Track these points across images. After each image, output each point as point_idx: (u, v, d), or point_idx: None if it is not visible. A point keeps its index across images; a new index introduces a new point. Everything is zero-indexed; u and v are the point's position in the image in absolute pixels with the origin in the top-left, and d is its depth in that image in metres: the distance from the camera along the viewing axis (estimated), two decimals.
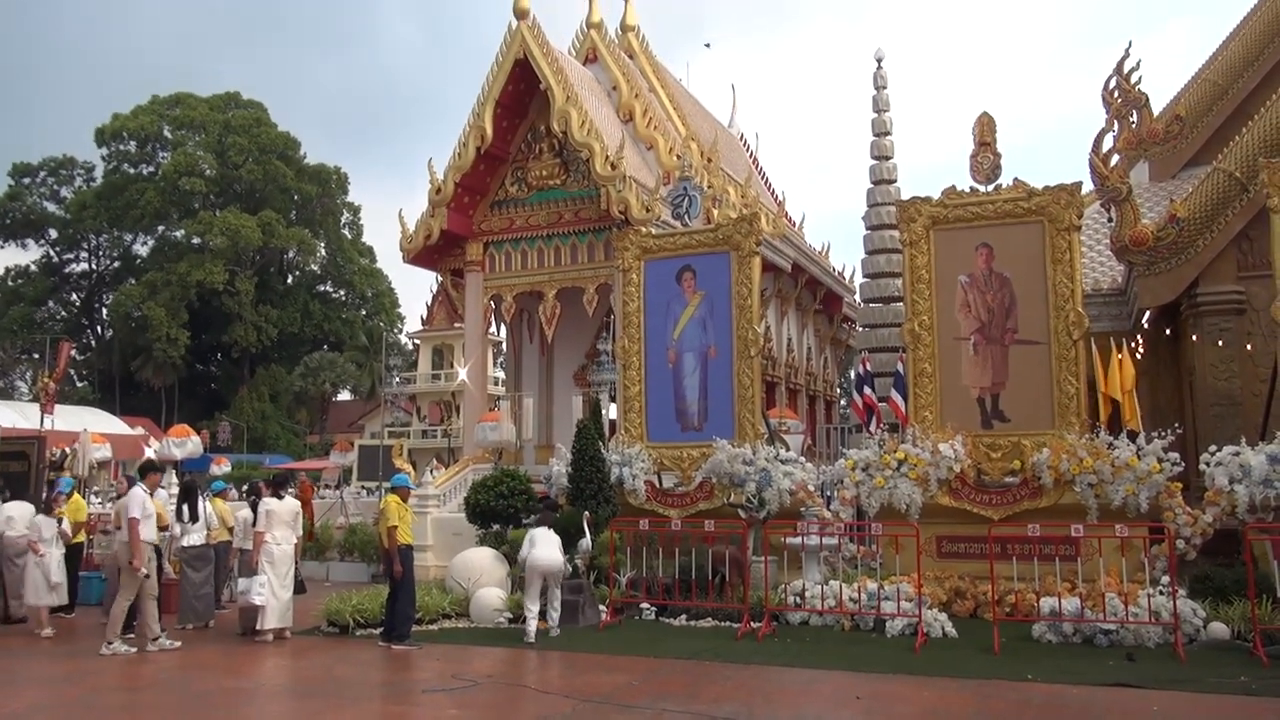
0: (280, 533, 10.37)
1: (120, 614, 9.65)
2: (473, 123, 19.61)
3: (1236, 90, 16.26)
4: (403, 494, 10.40)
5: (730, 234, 13.66)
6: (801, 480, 12.24)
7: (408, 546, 9.97)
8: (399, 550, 9.81)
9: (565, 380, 22.17)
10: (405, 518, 10.11)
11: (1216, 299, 13.44)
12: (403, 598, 9.83)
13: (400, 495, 10.35)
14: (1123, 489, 10.88)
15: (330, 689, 8.13)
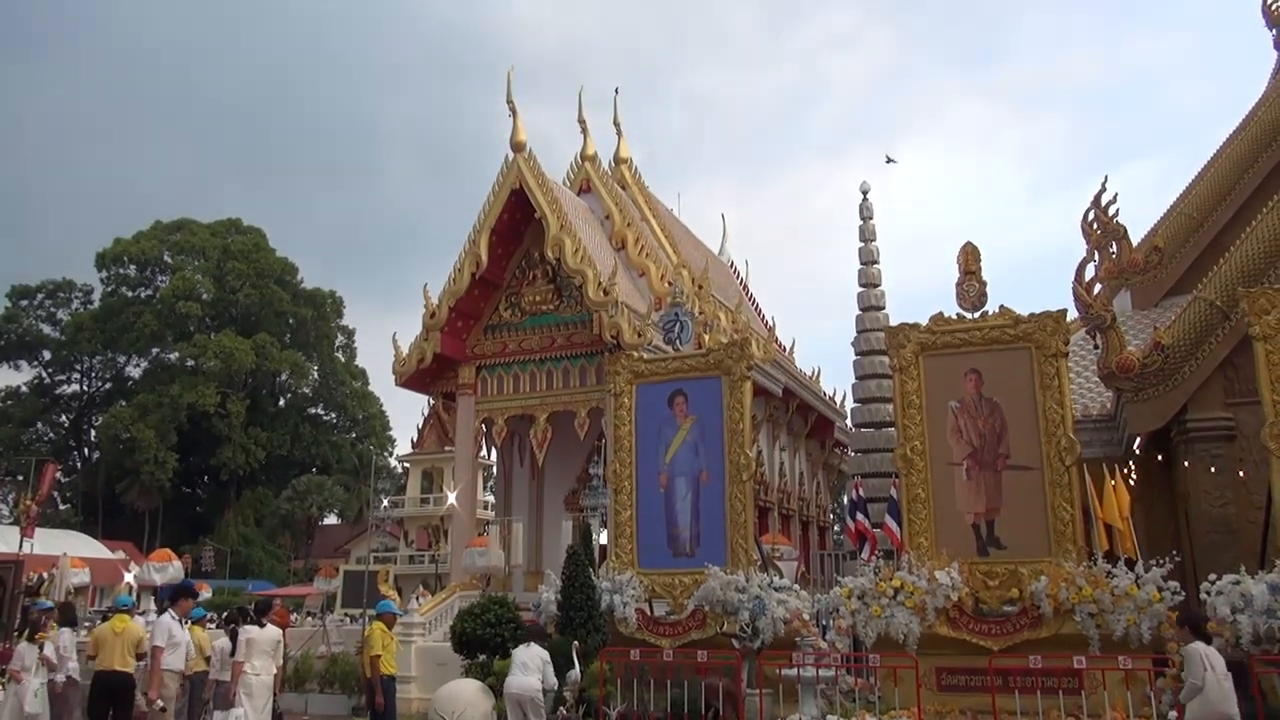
0: (259, 662, 10.03)
1: None
2: (469, 249, 20.02)
3: (1211, 223, 16.76)
4: (388, 620, 10.14)
5: (721, 358, 13.76)
6: (796, 609, 11.97)
7: (390, 677, 9.64)
8: (380, 680, 9.49)
9: (556, 504, 21.95)
10: (389, 646, 9.82)
11: (1206, 425, 13.49)
12: None
13: (385, 622, 10.07)
14: (1124, 618, 10.64)
15: None
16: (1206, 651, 7.74)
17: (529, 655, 9.60)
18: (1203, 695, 7.64)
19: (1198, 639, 7.83)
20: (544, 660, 9.64)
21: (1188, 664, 7.70)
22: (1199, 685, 7.65)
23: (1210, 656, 7.69)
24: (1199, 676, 7.63)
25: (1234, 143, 17.24)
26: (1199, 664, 7.68)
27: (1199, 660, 7.68)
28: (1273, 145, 16.35)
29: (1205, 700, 7.63)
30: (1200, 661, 7.69)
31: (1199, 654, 7.70)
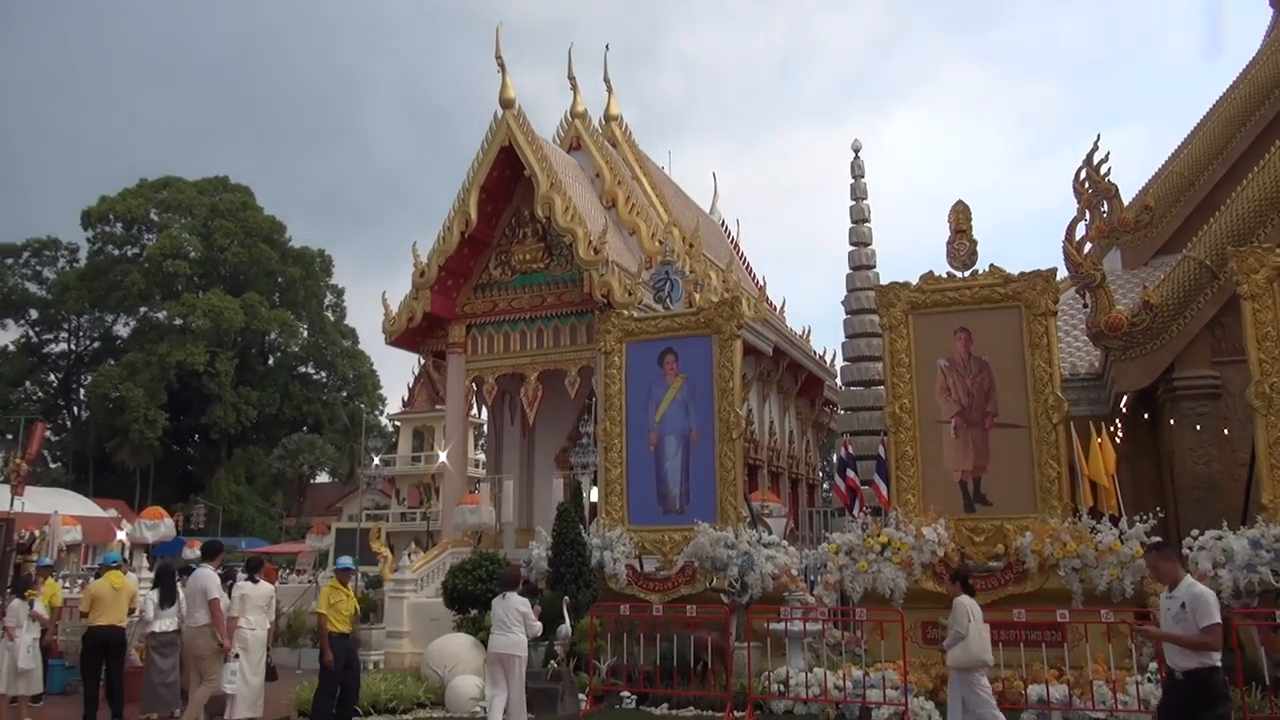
0: (254, 617, 10.08)
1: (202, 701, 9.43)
2: (458, 208, 19.86)
3: (1203, 182, 16.76)
4: (340, 577, 9.88)
5: (712, 317, 13.76)
6: (784, 564, 12.10)
7: (340, 635, 9.39)
8: (329, 639, 9.41)
9: (546, 463, 22.02)
10: (340, 604, 9.48)
11: (1192, 384, 13.60)
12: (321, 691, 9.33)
13: (338, 579, 9.90)
14: (1107, 574, 10.81)
15: None
16: (971, 604, 8.50)
17: (506, 609, 8.95)
18: (965, 643, 8.36)
19: (965, 593, 8.64)
20: (522, 612, 8.95)
21: (955, 614, 8.49)
22: (963, 634, 8.41)
23: (973, 609, 8.47)
24: (964, 626, 8.39)
25: (1227, 101, 17.20)
26: (964, 615, 8.45)
27: (965, 612, 8.45)
28: (1266, 103, 16.31)
29: (967, 647, 8.36)
30: (965, 613, 8.45)
31: (965, 606, 8.48)
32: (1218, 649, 5.58)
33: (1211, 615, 5.69)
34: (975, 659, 8.35)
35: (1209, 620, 5.68)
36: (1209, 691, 5.65)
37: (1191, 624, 5.82)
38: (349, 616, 9.46)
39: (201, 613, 9.45)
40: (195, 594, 9.55)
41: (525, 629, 8.91)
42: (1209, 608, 5.78)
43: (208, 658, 9.47)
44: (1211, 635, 5.61)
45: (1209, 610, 5.74)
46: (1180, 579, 6.18)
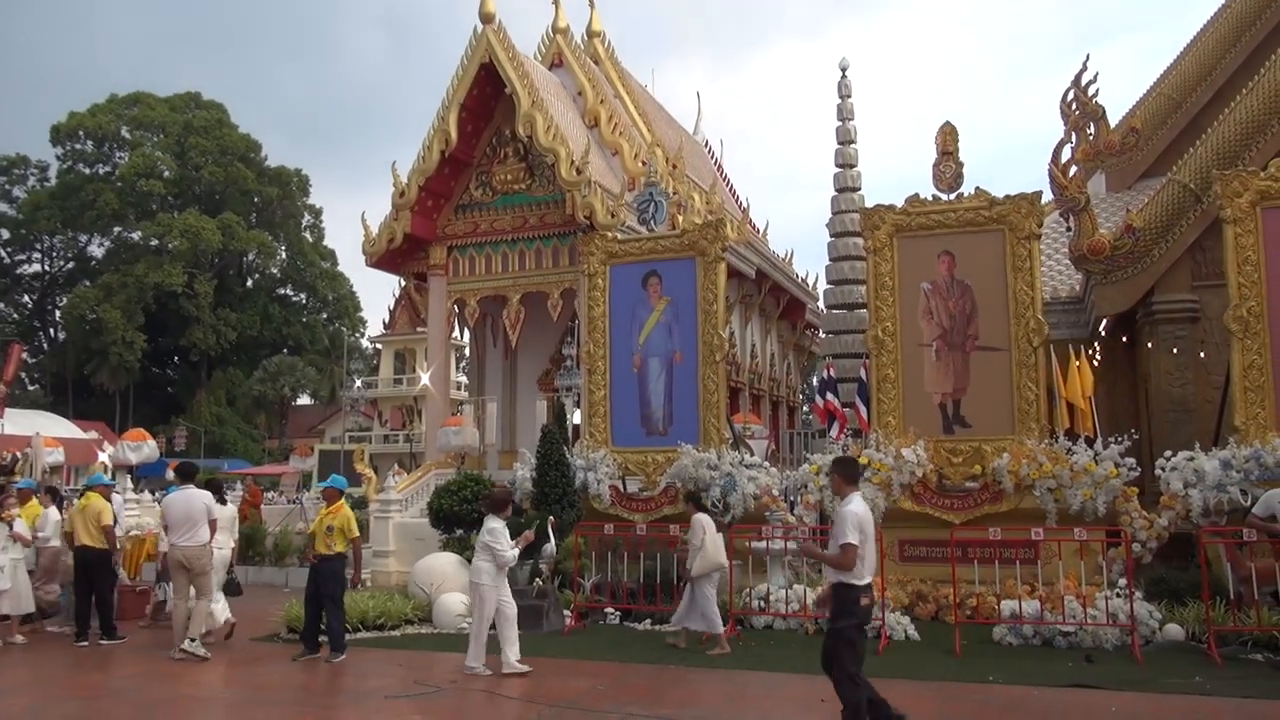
0: (220, 537, 10.22)
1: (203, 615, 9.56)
2: (437, 126, 19.49)
3: (1190, 104, 16.63)
4: (329, 495, 9.76)
5: (696, 239, 13.68)
6: (766, 485, 12.28)
7: (323, 558, 9.35)
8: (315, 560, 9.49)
9: (529, 385, 22.08)
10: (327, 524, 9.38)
11: (1171, 308, 13.72)
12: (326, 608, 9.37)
13: (327, 497, 9.80)
14: (1081, 494, 11.04)
15: (290, 696, 8.01)
16: (706, 520, 9.94)
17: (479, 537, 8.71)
18: (703, 552, 9.63)
19: (699, 510, 10.17)
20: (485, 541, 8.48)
21: (692, 530, 9.81)
22: (699, 545, 9.65)
23: (708, 524, 9.89)
24: (700, 539, 9.67)
25: (1219, 20, 16.96)
26: (700, 529, 9.73)
27: (700, 527, 9.77)
28: (1257, 23, 16.11)
29: (704, 556, 9.63)
30: (701, 527, 9.75)
31: (701, 521, 9.85)
32: (848, 568, 5.75)
33: (842, 535, 5.79)
34: (712, 564, 9.64)
35: (840, 540, 5.81)
36: (838, 604, 5.92)
37: None
38: (327, 537, 9.38)
39: (204, 530, 9.60)
40: (198, 513, 9.63)
41: (492, 557, 8.46)
42: (839, 526, 5.90)
43: (206, 575, 9.61)
44: (843, 555, 5.77)
45: (840, 531, 5.84)
46: None
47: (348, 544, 9.44)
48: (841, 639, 5.83)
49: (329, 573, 9.37)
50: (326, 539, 9.38)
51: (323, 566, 9.41)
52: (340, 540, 9.38)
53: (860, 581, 5.81)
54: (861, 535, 5.81)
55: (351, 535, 9.44)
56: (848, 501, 5.99)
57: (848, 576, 5.80)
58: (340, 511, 9.47)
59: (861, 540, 5.80)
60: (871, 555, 5.96)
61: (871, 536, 5.96)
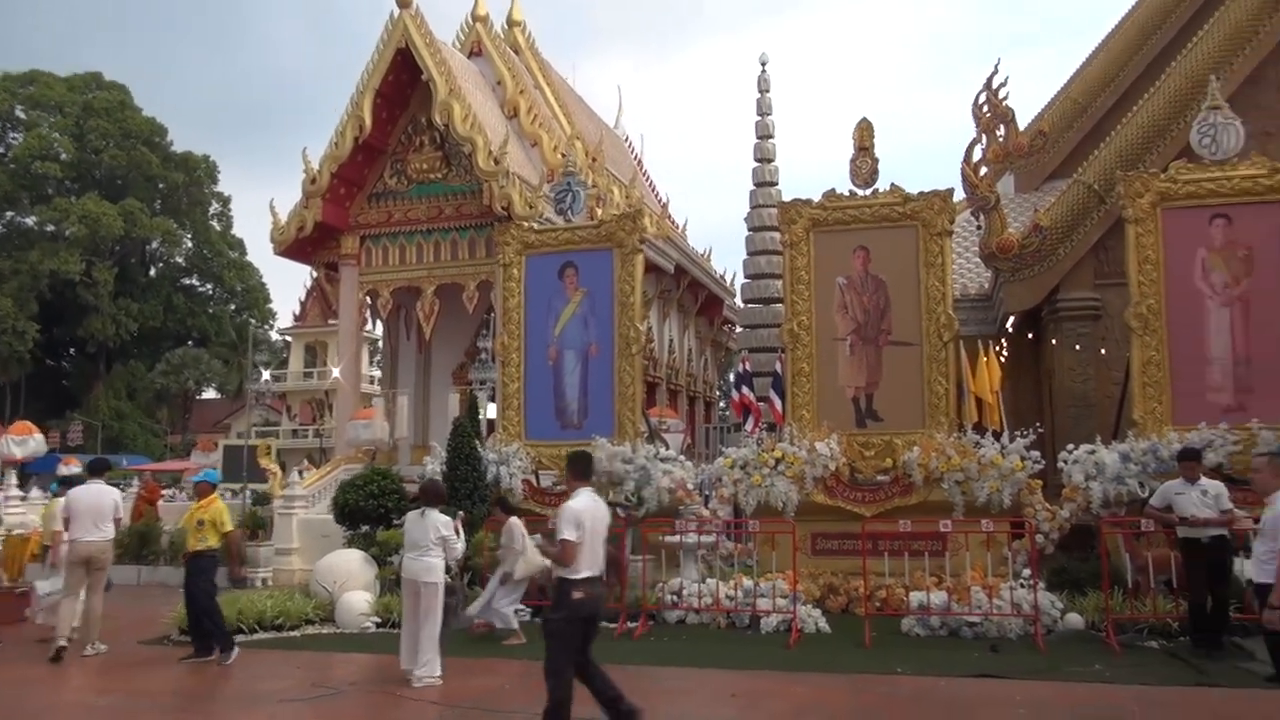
0: None
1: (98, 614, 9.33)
2: (351, 112, 19.01)
3: (1095, 108, 17.11)
4: (201, 490, 9.45)
5: (613, 231, 13.53)
6: (681, 478, 12.20)
7: (194, 554, 9.01)
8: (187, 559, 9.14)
9: (443, 378, 21.67)
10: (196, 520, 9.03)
11: (1075, 305, 14.09)
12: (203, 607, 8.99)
13: (198, 493, 9.49)
14: (987, 486, 11.22)
15: (177, 702, 7.61)
16: (520, 524, 9.88)
17: (424, 528, 7.95)
18: (525, 556, 9.61)
19: (510, 515, 10.09)
20: (443, 534, 7.97)
21: (510, 535, 9.77)
22: (521, 549, 9.65)
23: (523, 528, 9.80)
24: (520, 544, 9.67)
25: (1123, 28, 17.48)
26: (520, 534, 9.71)
27: (519, 532, 9.75)
28: (1158, 32, 16.64)
29: (528, 560, 9.62)
30: (519, 532, 9.74)
31: (518, 526, 9.84)
32: (566, 563, 5.72)
33: (560, 530, 5.76)
34: (537, 567, 9.51)
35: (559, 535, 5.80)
36: (554, 598, 5.96)
37: None
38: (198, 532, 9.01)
39: (110, 526, 9.51)
40: (106, 509, 9.48)
41: (445, 551, 8.02)
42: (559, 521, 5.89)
43: (105, 571, 9.55)
44: (561, 550, 5.74)
45: (559, 526, 5.83)
46: None
47: (220, 539, 9.05)
48: (551, 632, 5.83)
49: (199, 570, 9.02)
50: (197, 534, 9.02)
51: (193, 563, 9.06)
52: (212, 535, 9.00)
53: (576, 576, 5.75)
54: (582, 531, 5.74)
55: (224, 529, 9.05)
56: (575, 497, 5.96)
57: (564, 571, 5.76)
58: (212, 506, 9.13)
59: (582, 535, 5.73)
60: (595, 550, 5.86)
61: (596, 532, 5.87)
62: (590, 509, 5.90)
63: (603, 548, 6.01)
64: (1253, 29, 14.02)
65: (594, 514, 5.91)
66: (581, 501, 5.91)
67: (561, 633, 5.77)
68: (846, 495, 11.94)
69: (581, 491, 6.01)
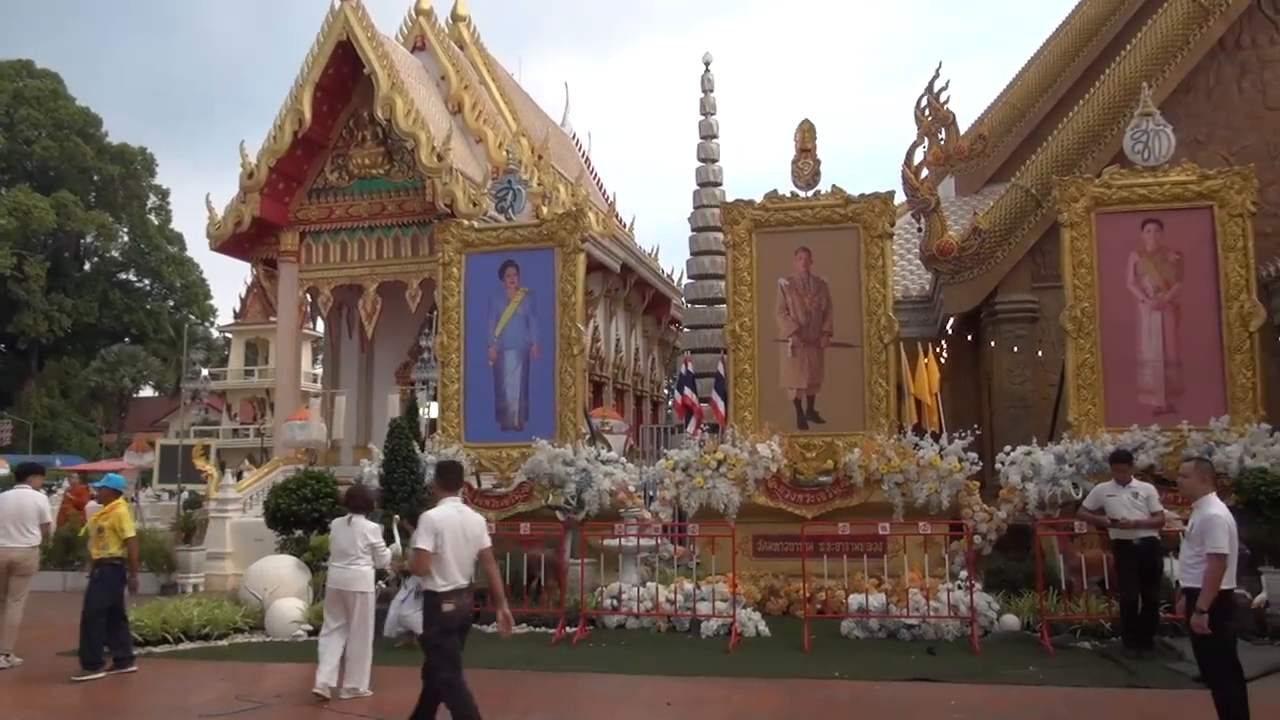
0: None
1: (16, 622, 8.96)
2: (290, 105, 18.61)
3: (1033, 114, 17.36)
4: (104, 496, 9.07)
5: (555, 229, 13.38)
6: (622, 481, 12.10)
7: (98, 561, 8.64)
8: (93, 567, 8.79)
9: (386, 378, 21.32)
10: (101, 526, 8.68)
11: (1012, 308, 14.27)
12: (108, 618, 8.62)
13: (100, 499, 9.13)
14: (926, 488, 11.30)
15: (93, 718, 7.31)
16: None
17: (351, 535, 7.60)
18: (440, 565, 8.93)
19: None
20: (368, 541, 7.61)
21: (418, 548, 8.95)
22: None
23: None
24: None
25: (1060, 35, 17.76)
26: None
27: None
28: (1094, 39, 16.93)
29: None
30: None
31: None
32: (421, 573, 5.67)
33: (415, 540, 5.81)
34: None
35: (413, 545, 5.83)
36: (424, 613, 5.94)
37: None
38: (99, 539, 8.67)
39: (36, 532, 9.22)
40: (30, 514, 9.18)
41: (373, 559, 7.72)
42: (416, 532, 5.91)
43: (28, 578, 9.23)
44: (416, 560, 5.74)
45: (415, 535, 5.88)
46: None
47: (122, 545, 8.68)
48: (431, 648, 5.78)
49: (100, 578, 8.66)
50: (99, 541, 8.67)
51: (96, 572, 8.73)
52: (113, 541, 8.63)
53: (439, 588, 5.68)
54: (440, 540, 5.65)
55: (125, 535, 8.67)
56: (439, 506, 5.90)
57: (428, 583, 5.69)
58: (114, 511, 8.77)
59: (439, 545, 5.65)
60: (458, 559, 5.76)
61: (460, 542, 5.77)
62: (452, 519, 5.81)
63: (471, 557, 5.91)
64: (1183, 38, 14.31)
65: (456, 524, 5.82)
66: (442, 511, 5.83)
67: (440, 646, 5.74)
68: (788, 497, 11.95)
69: (446, 501, 5.93)
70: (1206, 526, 5.44)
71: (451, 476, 6.22)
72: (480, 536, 6.01)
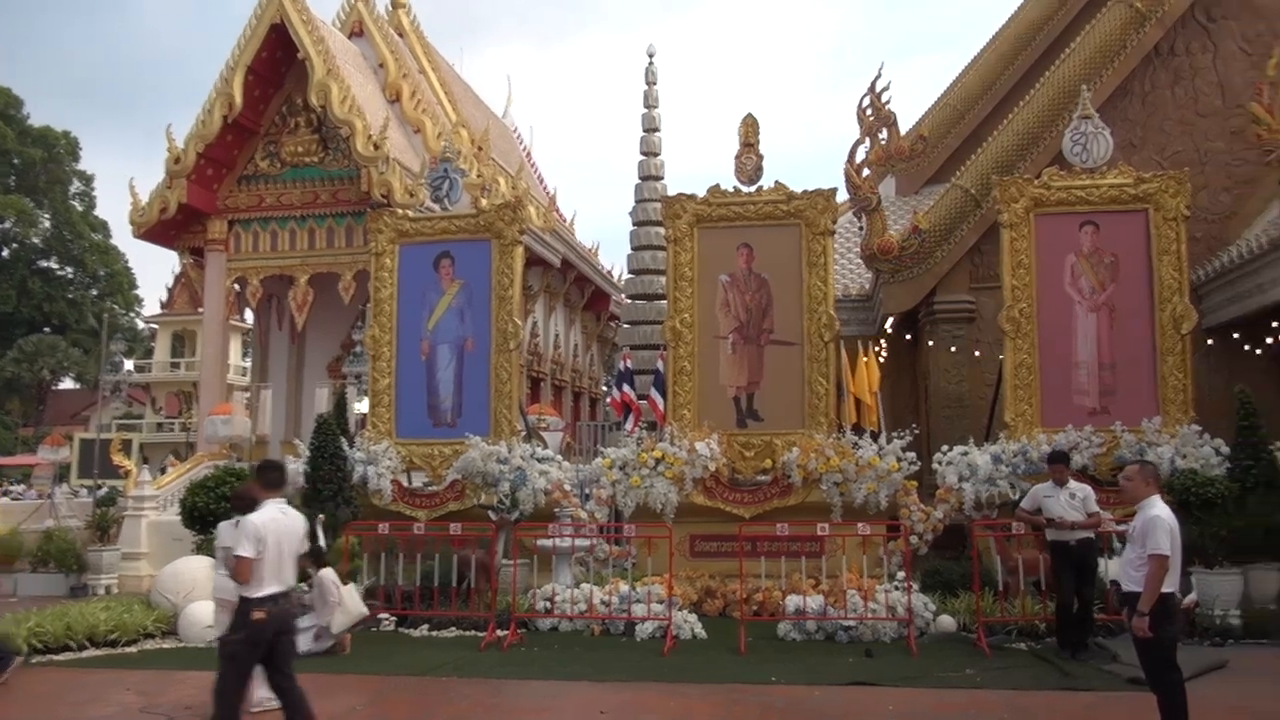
0: None
1: None
2: (221, 89, 18.02)
3: (973, 115, 17.45)
4: None
5: (493, 221, 13.03)
6: (558, 480, 11.81)
7: None
8: None
9: (317, 372, 20.75)
10: None
11: (950, 308, 14.30)
12: None
13: None
14: (865, 487, 11.21)
15: None
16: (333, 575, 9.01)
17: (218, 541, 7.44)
18: (343, 607, 8.93)
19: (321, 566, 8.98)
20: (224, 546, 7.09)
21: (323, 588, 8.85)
22: (338, 601, 8.91)
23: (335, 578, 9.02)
24: (336, 595, 8.91)
25: (999, 39, 17.88)
26: (332, 586, 8.89)
27: (331, 582, 8.91)
28: (1033, 43, 17.06)
29: (346, 610, 8.98)
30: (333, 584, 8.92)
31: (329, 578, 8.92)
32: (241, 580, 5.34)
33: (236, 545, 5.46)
34: (357, 615, 9.05)
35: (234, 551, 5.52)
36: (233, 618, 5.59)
37: None
38: None
39: None
40: None
41: None
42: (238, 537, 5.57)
43: None
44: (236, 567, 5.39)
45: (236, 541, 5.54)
46: None
47: None
48: (227, 654, 5.43)
49: None
50: None
51: None
52: None
53: (257, 594, 5.35)
54: (263, 546, 5.34)
55: None
56: (259, 509, 5.57)
57: (244, 589, 5.37)
58: None
59: (263, 551, 5.34)
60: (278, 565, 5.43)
61: (282, 546, 5.45)
62: (275, 522, 5.46)
63: (293, 562, 5.59)
64: (1120, 43, 14.48)
65: (280, 528, 5.48)
66: (264, 514, 5.47)
67: (237, 655, 5.36)
68: (726, 496, 11.78)
69: (267, 503, 5.56)
70: (1148, 528, 5.36)
71: (273, 476, 5.79)
72: (303, 542, 5.72)
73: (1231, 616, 9.47)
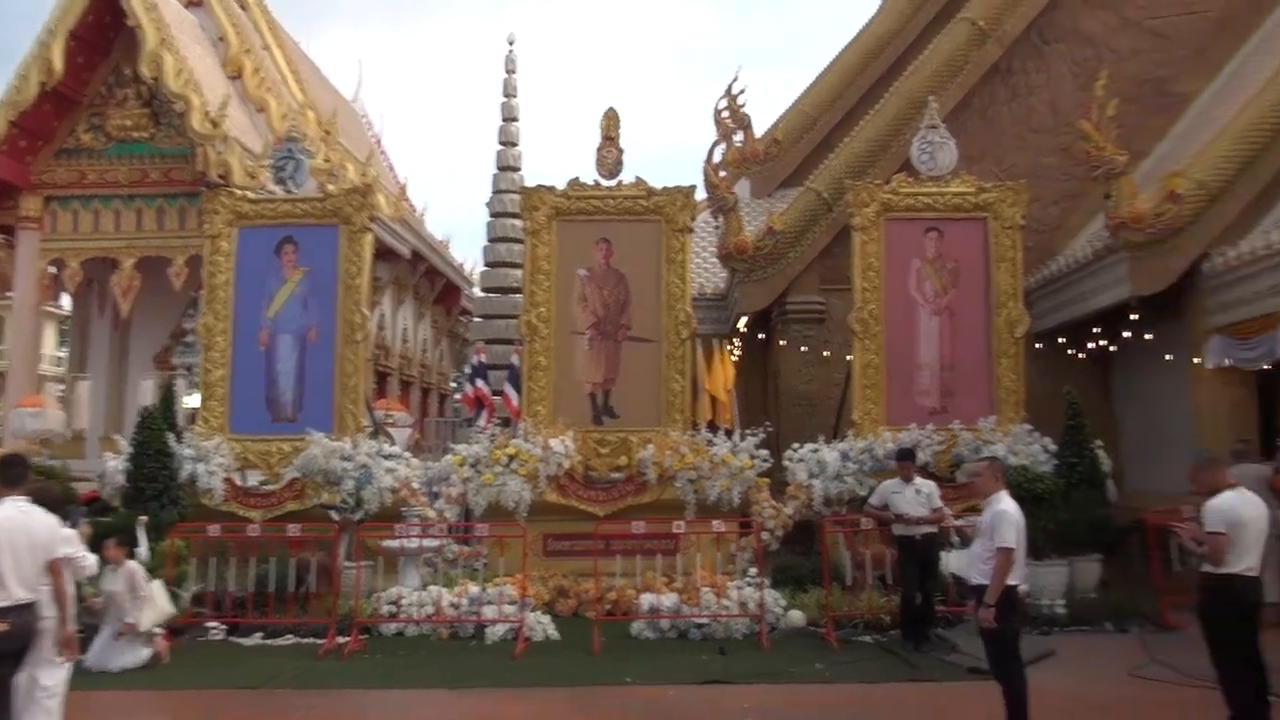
0: None
1: None
2: (37, 52, 16.54)
3: (824, 122, 17.87)
4: None
5: (340, 206, 12.41)
6: (405, 478, 11.34)
7: None
8: None
9: (144, 363, 19.32)
10: None
11: (801, 308, 14.60)
12: None
13: None
14: (719, 485, 11.25)
15: None
16: (140, 569, 8.57)
17: None
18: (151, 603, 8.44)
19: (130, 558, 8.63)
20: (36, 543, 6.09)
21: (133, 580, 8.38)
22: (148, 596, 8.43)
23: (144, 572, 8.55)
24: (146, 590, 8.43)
25: (849, 50, 18.41)
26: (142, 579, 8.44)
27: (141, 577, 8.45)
28: (882, 55, 17.62)
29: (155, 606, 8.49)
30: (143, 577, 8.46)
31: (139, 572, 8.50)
32: None
33: None
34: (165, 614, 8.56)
35: None
36: None
37: None
38: None
39: None
40: None
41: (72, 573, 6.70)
42: None
43: None
44: None
45: None
46: None
47: None
48: None
49: None
50: None
51: None
52: None
53: None
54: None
55: None
56: None
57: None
58: None
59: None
60: (16, 570, 4.92)
61: (12, 547, 4.92)
62: (11, 522, 4.92)
63: (36, 568, 5.01)
64: (964, 58, 15.10)
65: (17, 528, 4.93)
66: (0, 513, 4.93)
67: None
68: (580, 494, 11.61)
69: (5, 501, 5.00)
70: (996, 522, 5.51)
71: (11, 471, 5.17)
72: (50, 544, 5.06)
73: (1058, 606, 9.97)
